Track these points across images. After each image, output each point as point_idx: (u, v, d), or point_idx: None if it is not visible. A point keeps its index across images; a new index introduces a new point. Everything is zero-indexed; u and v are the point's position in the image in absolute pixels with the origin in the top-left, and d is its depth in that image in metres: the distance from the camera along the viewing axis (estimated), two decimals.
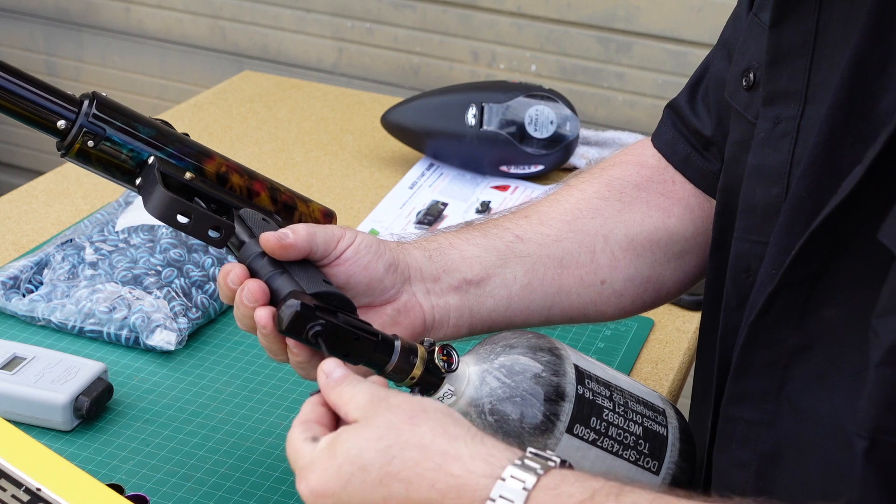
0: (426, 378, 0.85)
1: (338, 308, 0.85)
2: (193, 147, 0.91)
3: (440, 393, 0.86)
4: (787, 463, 0.82)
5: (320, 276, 0.87)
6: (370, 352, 0.84)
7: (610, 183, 1.03)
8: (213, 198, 0.90)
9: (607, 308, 1.01)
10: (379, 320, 0.91)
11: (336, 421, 0.77)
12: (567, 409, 0.86)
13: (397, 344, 0.85)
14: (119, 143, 0.87)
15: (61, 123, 0.86)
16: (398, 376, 0.85)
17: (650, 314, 1.30)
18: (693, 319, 1.31)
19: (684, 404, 1.13)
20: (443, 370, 0.85)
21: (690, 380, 1.13)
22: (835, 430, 0.77)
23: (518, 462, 0.71)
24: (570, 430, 0.85)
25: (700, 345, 0.99)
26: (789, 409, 0.81)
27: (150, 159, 0.87)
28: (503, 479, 0.70)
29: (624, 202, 1.02)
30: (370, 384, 0.76)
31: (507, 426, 0.85)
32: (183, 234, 1.29)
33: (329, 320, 0.82)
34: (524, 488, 0.69)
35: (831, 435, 0.77)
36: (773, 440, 0.82)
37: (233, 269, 0.86)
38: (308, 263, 0.88)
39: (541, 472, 0.70)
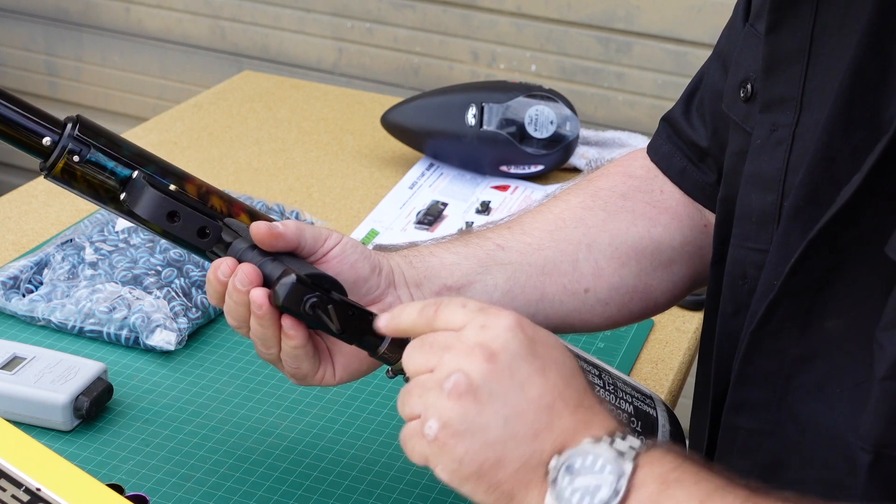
0: None
1: (331, 289, 0.86)
2: (174, 169, 0.92)
3: None
4: (787, 473, 0.81)
5: (310, 266, 0.88)
6: (365, 328, 0.85)
7: (595, 193, 1.03)
8: (197, 209, 0.91)
9: (592, 317, 1.01)
10: None
11: None
12: None
13: None
14: (102, 162, 0.88)
15: (46, 140, 0.86)
16: (392, 356, 0.86)
17: None
18: (693, 319, 1.31)
19: (684, 404, 1.13)
20: None
21: (691, 379, 1.13)
22: (836, 441, 0.77)
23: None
24: None
25: (701, 353, 0.99)
26: (790, 420, 0.81)
27: (135, 174, 0.88)
28: (621, 436, 0.72)
29: (608, 211, 1.02)
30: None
31: None
32: None
33: (325, 294, 0.84)
34: (633, 447, 0.71)
35: (832, 446, 0.77)
36: (774, 450, 0.82)
37: (223, 262, 0.87)
38: (297, 256, 0.89)
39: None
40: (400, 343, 0.86)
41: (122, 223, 1.32)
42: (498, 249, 0.98)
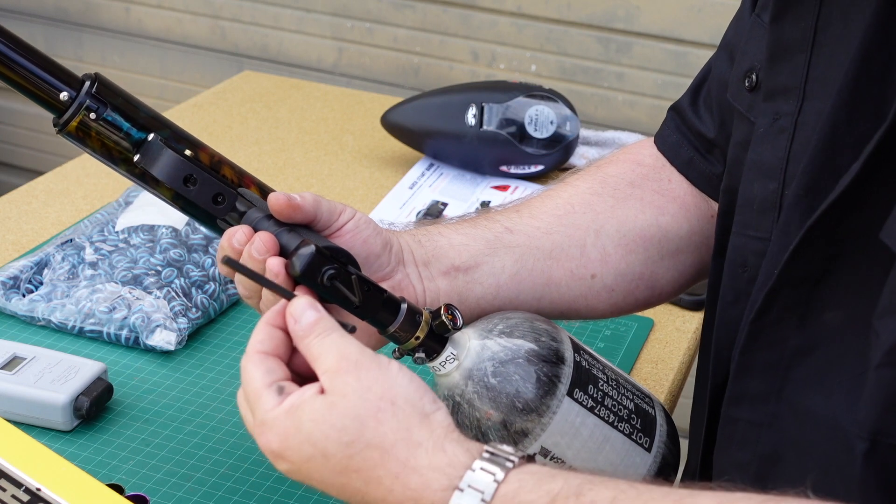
0: (430, 339, 0.87)
1: (346, 264, 0.86)
2: (187, 136, 0.92)
3: (443, 357, 0.87)
4: (786, 465, 0.82)
5: (325, 239, 0.88)
6: (378, 305, 0.85)
7: (604, 180, 1.04)
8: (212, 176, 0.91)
9: (598, 303, 1.01)
10: None
11: (293, 350, 0.79)
12: (567, 372, 0.87)
13: (404, 306, 0.86)
14: (117, 121, 0.88)
15: (63, 95, 0.86)
16: (403, 335, 0.86)
17: (650, 314, 1.30)
18: (693, 319, 1.31)
19: (684, 404, 1.13)
20: (449, 327, 0.87)
21: (691, 379, 1.13)
22: (834, 432, 0.77)
23: (475, 468, 0.72)
24: (570, 394, 0.87)
25: (701, 347, 0.99)
26: (789, 411, 0.81)
27: (150, 137, 0.88)
28: (461, 490, 0.71)
29: (617, 198, 1.02)
30: (340, 339, 0.76)
31: (510, 386, 0.86)
32: (182, 234, 1.30)
33: (342, 266, 0.84)
34: (482, 500, 0.70)
35: (831, 437, 0.77)
36: (773, 442, 0.82)
37: (238, 230, 0.87)
38: (311, 229, 0.89)
39: (500, 477, 0.71)
40: (411, 323, 0.86)
41: (122, 223, 1.32)
42: (506, 232, 0.98)
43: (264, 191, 0.92)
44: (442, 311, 0.87)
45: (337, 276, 0.83)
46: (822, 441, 0.78)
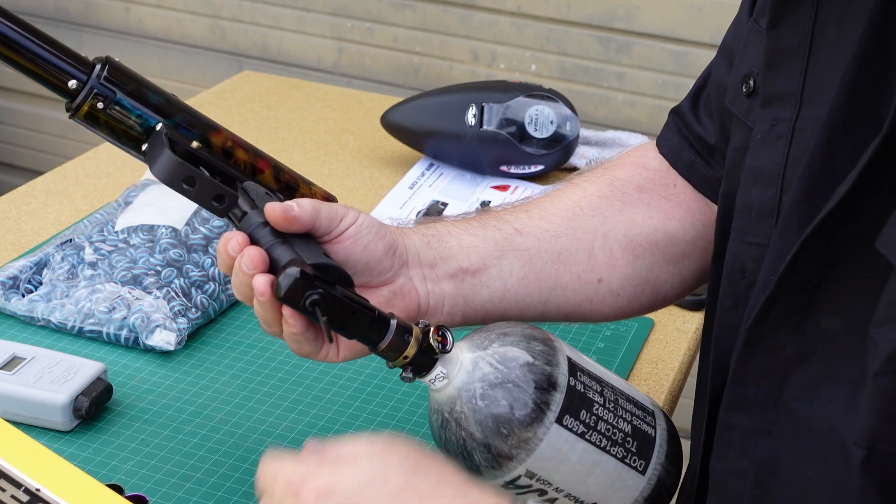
0: (419, 358, 0.86)
1: (336, 282, 0.85)
2: (201, 119, 0.91)
3: (432, 374, 0.87)
4: (784, 472, 0.81)
5: (321, 251, 0.88)
6: (366, 326, 0.85)
7: (612, 183, 1.03)
8: (218, 169, 0.91)
9: (603, 307, 1.01)
10: (374, 301, 0.91)
11: None
12: (558, 399, 0.86)
13: (393, 322, 0.86)
14: (128, 107, 0.87)
15: (72, 83, 0.86)
16: (392, 354, 0.86)
17: (650, 314, 1.30)
18: (693, 319, 1.31)
19: (684, 404, 1.13)
20: (437, 350, 0.86)
21: (691, 379, 1.13)
22: (832, 439, 0.77)
23: None
24: (559, 421, 0.86)
25: (701, 352, 0.99)
26: (786, 418, 0.81)
27: (158, 126, 0.88)
28: None
29: (625, 202, 1.02)
30: None
31: (496, 411, 0.85)
32: (182, 234, 1.30)
33: (327, 290, 0.83)
34: None
35: (829, 444, 0.77)
36: (771, 449, 0.82)
37: (234, 237, 0.87)
38: (309, 237, 0.88)
39: None
40: (400, 342, 0.86)
41: (122, 223, 1.32)
42: (515, 234, 0.98)
43: (279, 170, 0.92)
44: (431, 333, 0.86)
45: (319, 303, 0.83)
46: (819, 448, 0.78)
